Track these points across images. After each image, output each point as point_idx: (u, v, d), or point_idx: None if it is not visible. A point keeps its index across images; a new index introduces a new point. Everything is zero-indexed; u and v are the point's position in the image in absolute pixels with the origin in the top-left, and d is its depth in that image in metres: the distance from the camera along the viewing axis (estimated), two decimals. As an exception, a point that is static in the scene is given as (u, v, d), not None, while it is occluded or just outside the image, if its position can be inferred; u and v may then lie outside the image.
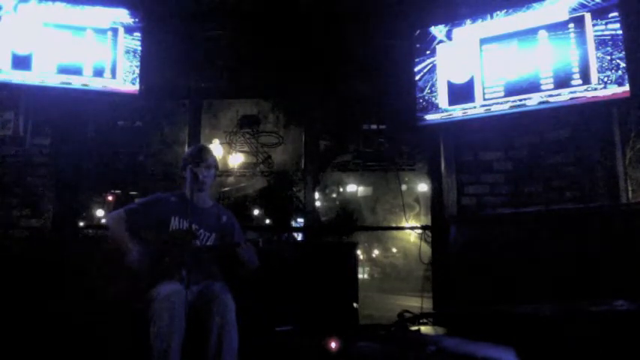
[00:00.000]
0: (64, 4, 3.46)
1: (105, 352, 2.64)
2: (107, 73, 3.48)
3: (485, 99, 3.30)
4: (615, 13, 2.89)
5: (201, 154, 2.55)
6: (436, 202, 3.66)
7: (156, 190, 2.73)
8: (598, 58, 2.92)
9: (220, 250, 2.52)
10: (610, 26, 2.90)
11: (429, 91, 3.51)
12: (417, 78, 3.54)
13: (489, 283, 2.82)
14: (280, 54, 3.87)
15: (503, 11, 3.29)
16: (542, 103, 3.09)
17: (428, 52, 3.53)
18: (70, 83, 3.41)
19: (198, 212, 2.52)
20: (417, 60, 3.56)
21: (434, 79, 3.49)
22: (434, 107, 3.48)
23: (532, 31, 3.17)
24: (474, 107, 3.34)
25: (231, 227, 2.63)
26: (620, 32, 2.86)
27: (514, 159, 3.46)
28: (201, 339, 2.15)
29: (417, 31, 3.58)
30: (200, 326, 2.16)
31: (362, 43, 3.80)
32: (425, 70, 3.53)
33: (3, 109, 3.60)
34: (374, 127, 4.04)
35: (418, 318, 3.04)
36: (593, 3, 2.97)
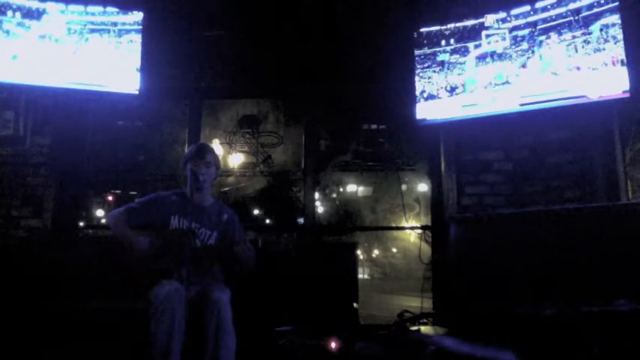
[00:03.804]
0: (64, 4, 3.46)
1: (105, 352, 2.64)
2: (107, 73, 3.48)
3: (485, 99, 3.30)
4: (616, 16, 2.89)
5: (201, 152, 2.55)
6: (436, 202, 3.66)
7: (156, 190, 2.73)
8: (597, 59, 2.92)
9: (219, 249, 2.52)
10: (610, 28, 2.90)
11: (429, 91, 3.51)
12: (418, 78, 3.55)
13: (489, 283, 2.81)
14: (280, 54, 3.87)
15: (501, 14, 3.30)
16: (543, 102, 3.09)
17: (428, 52, 3.53)
18: (70, 83, 3.42)
19: (198, 211, 2.52)
20: (417, 60, 3.56)
21: (434, 80, 3.50)
22: (434, 107, 3.48)
23: (531, 34, 3.18)
24: (474, 107, 3.34)
25: (232, 225, 2.63)
26: (620, 33, 2.86)
27: (514, 159, 3.46)
28: (200, 340, 2.15)
29: (417, 32, 3.59)
30: (199, 327, 2.17)
31: (362, 43, 3.80)
32: (426, 71, 3.53)
33: (3, 109, 3.60)
34: (374, 127, 4.04)
35: (418, 318, 3.03)
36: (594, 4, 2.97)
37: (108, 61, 3.48)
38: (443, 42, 3.51)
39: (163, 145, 4.38)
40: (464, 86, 3.39)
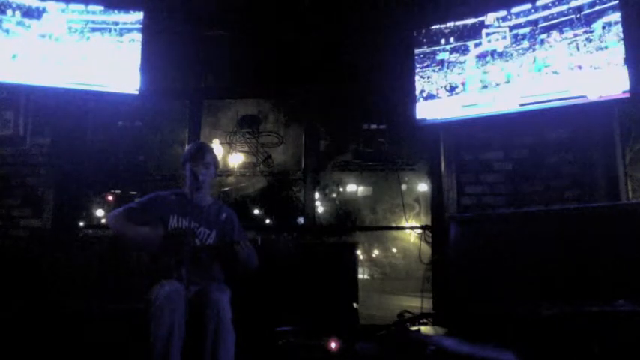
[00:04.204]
0: (65, 3, 3.45)
1: (105, 352, 2.64)
2: (108, 73, 3.47)
3: (485, 99, 3.30)
4: (618, 13, 2.88)
5: (200, 153, 2.55)
6: (436, 202, 3.66)
7: (156, 190, 2.74)
8: (600, 57, 2.90)
9: (219, 249, 2.52)
10: (613, 27, 2.89)
11: (429, 90, 3.51)
12: (417, 78, 3.54)
13: (489, 283, 2.82)
14: (280, 54, 3.87)
15: (501, 12, 3.29)
16: (543, 102, 3.09)
17: (427, 50, 3.53)
18: (70, 83, 3.41)
19: (197, 210, 2.52)
20: (417, 60, 3.55)
21: (434, 79, 3.49)
22: (434, 107, 3.48)
23: (532, 32, 3.17)
24: (474, 107, 3.34)
25: (231, 225, 2.62)
26: (620, 33, 2.85)
27: (514, 159, 3.45)
28: (200, 340, 2.15)
29: (417, 31, 3.58)
30: (199, 327, 2.17)
31: (362, 43, 3.80)
32: (425, 70, 3.53)
33: (3, 109, 3.60)
34: (374, 127, 4.03)
35: (418, 318, 3.03)
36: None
37: (109, 61, 3.47)
38: (442, 40, 3.49)
39: (163, 145, 4.38)
40: (464, 85, 3.39)
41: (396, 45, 3.69)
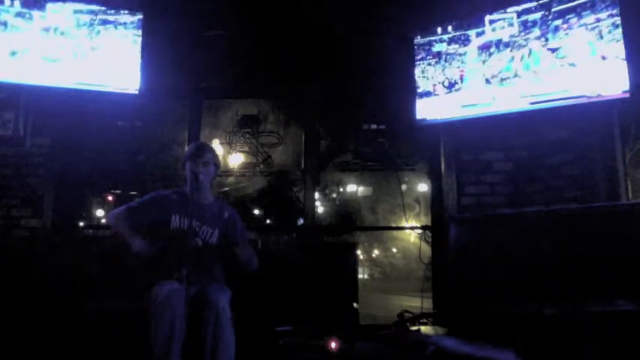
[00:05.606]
0: (64, 3, 3.43)
1: (105, 352, 2.64)
2: (107, 74, 3.46)
3: (486, 98, 3.29)
4: (616, 10, 2.84)
5: (199, 151, 2.54)
6: (436, 202, 3.66)
7: (156, 190, 2.74)
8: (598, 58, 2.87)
9: (219, 249, 2.52)
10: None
11: (425, 87, 3.49)
12: (417, 77, 3.54)
13: (489, 283, 2.81)
14: (280, 54, 3.87)
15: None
16: (543, 102, 3.08)
17: (428, 51, 3.52)
18: (70, 84, 3.40)
19: (199, 209, 2.52)
20: (417, 59, 3.54)
21: (430, 74, 3.46)
22: (432, 106, 3.47)
23: (544, 18, 3.11)
24: (475, 107, 3.33)
25: (234, 225, 2.62)
26: (620, 32, 2.84)
27: (514, 159, 3.45)
28: (200, 340, 2.15)
29: (417, 31, 3.57)
30: (199, 327, 2.17)
31: (362, 43, 3.80)
32: (425, 70, 3.52)
33: (3, 109, 3.60)
34: (374, 127, 4.03)
35: (418, 318, 3.03)
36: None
37: (112, 60, 3.41)
38: (439, 29, 3.22)
39: (163, 145, 4.38)
40: (463, 81, 3.28)
41: (395, 43, 3.68)
